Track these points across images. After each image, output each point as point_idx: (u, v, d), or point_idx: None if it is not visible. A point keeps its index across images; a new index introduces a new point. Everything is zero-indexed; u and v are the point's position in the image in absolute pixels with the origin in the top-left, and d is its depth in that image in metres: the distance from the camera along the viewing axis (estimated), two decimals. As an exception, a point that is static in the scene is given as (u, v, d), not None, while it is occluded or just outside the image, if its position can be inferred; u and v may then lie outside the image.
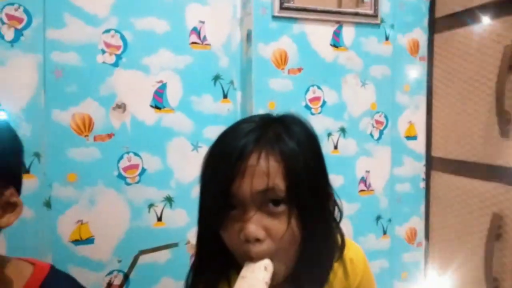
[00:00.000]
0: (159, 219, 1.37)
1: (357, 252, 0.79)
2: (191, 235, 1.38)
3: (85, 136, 1.29)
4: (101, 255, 1.31)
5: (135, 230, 1.34)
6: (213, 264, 0.72)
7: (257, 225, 0.63)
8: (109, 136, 1.31)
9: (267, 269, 0.64)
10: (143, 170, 1.35)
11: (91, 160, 1.29)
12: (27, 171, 1.20)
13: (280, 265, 0.66)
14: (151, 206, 1.36)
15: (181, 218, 1.38)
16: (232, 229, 0.65)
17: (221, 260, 0.72)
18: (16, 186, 0.66)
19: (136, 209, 1.34)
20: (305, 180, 0.64)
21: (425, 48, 1.64)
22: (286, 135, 0.66)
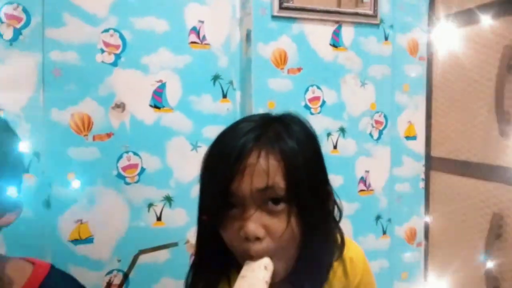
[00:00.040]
0: (158, 218, 1.36)
1: (357, 252, 0.79)
2: (190, 234, 1.38)
3: (84, 135, 1.28)
4: (100, 254, 1.30)
5: (135, 230, 1.34)
6: (213, 263, 0.72)
7: (256, 223, 0.63)
8: (108, 135, 1.31)
9: (267, 268, 0.64)
10: (143, 170, 1.35)
11: (90, 159, 1.29)
12: (26, 170, 1.20)
13: (279, 263, 0.66)
14: (150, 205, 1.35)
15: (180, 218, 1.38)
16: (231, 228, 0.65)
17: (221, 260, 0.72)
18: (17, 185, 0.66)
19: (136, 208, 1.34)
20: (304, 179, 0.65)
21: (424, 48, 1.64)
22: (286, 134, 0.66)
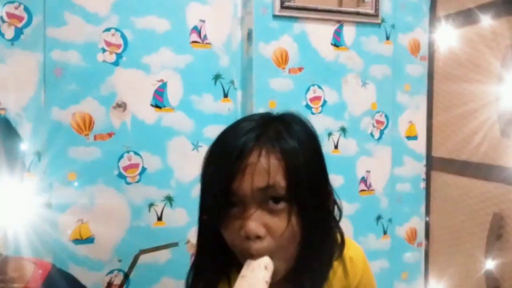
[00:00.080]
0: (159, 218, 1.36)
1: (357, 252, 0.79)
2: (191, 234, 1.38)
3: (85, 135, 1.28)
4: (101, 254, 1.30)
5: (135, 230, 1.34)
6: (213, 263, 0.72)
7: (257, 222, 0.63)
8: (109, 135, 1.31)
9: (268, 268, 0.64)
10: (143, 170, 1.35)
11: (91, 159, 1.29)
12: (27, 170, 1.20)
13: (280, 262, 0.66)
14: (151, 205, 1.36)
15: (181, 218, 1.38)
16: (232, 227, 0.65)
17: (221, 259, 0.72)
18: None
19: (136, 208, 1.34)
20: (305, 178, 0.65)
21: (426, 47, 1.64)
22: (287, 134, 0.66)
